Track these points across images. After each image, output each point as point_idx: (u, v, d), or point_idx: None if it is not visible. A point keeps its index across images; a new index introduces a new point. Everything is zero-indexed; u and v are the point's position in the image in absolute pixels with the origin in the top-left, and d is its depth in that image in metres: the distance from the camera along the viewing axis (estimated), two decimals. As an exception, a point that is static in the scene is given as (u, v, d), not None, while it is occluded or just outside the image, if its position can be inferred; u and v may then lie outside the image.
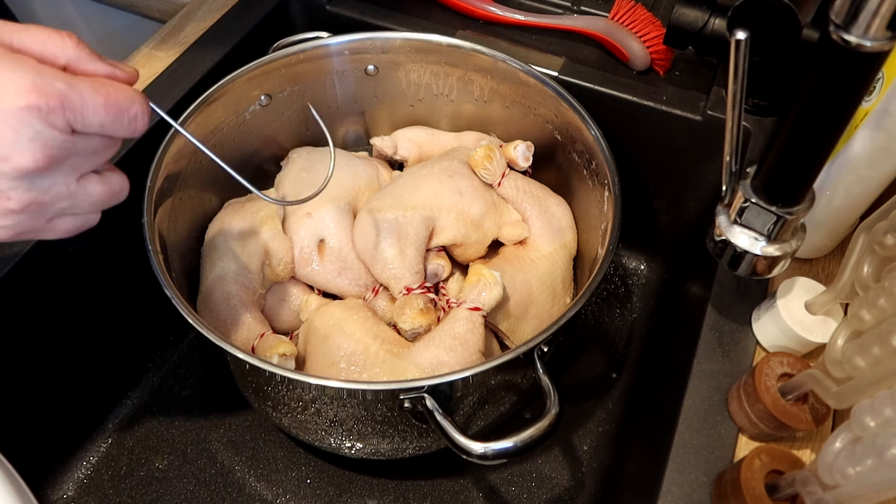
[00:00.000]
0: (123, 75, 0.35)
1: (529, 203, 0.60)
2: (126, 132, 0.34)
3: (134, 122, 0.34)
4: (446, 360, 0.49)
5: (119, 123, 0.33)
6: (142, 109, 0.34)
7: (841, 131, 0.34)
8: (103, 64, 0.35)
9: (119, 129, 0.34)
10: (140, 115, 0.34)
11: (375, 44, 0.62)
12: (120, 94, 0.33)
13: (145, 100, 0.35)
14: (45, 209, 0.33)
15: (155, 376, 0.65)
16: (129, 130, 0.34)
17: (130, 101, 0.34)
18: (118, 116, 0.33)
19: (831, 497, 0.33)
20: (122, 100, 0.33)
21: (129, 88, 0.34)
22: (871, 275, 0.39)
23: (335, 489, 0.59)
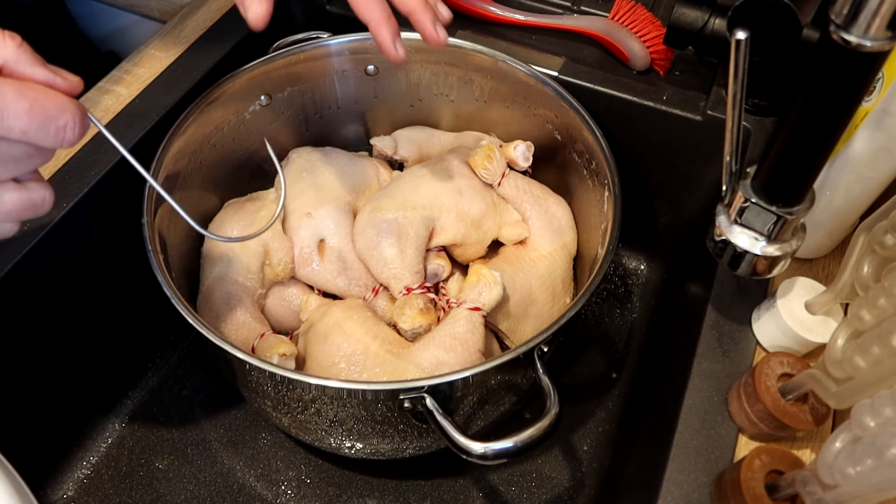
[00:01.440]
0: (63, 83, 0.33)
1: (529, 203, 0.60)
2: (52, 142, 0.32)
3: (61, 133, 0.32)
4: (446, 360, 0.49)
5: (44, 132, 0.31)
6: (73, 120, 0.32)
7: (841, 131, 0.34)
8: (43, 69, 0.33)
9: (44, 137, 0.32)
10: (70, 126, 0.32)
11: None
12: (49, 102, 0.31)
13: (80, 111, 0.33)
14: None
15: (155, 376, 0.65)
16: (56, 141, 0.32)
17: (60, 110, 0.32)
18: (43, 124, 0.31)
19: (831, 497, 0.33)
20: (51, 107, 0.31)
21: (63, 97, 0.32)
22: (871, 275, 0.39)
23: (335, 489, 0.59)
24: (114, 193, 0.53)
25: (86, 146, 0.56)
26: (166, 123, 0.54)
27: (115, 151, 0.56)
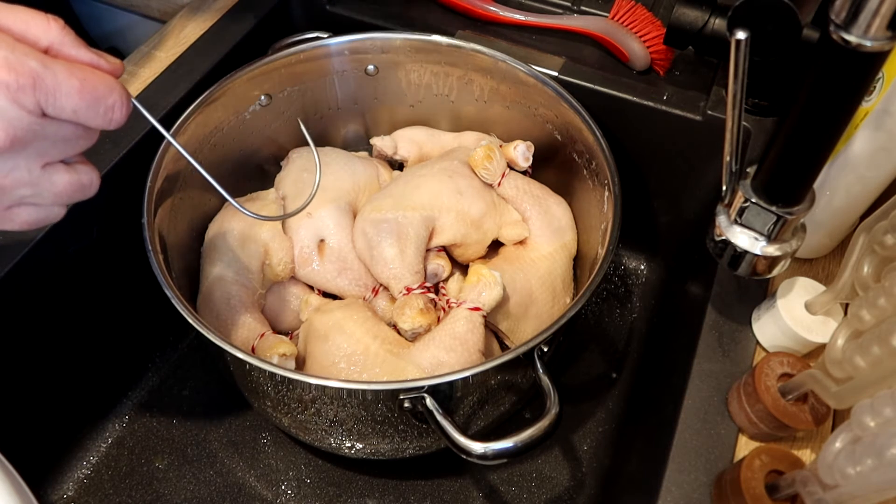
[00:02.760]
0: (107, 65, 0.33)
1: (529, 203, 0.60)
2: (101, 122, 0.32)
3: (110, 113, 0.32)
4: (446, 360, 0.49)
5: (94, 111, 0.31)
6: (120, 100, 0.32)
7: (841, 131, 0.34)
8: (87, 51, 0.33)
9: (94, 117, 0.32)
10: (118, 106, 0.32)
11: (375, 44, 0.62)
12: (98, 82, 0.31)
13: (126, 93, 0.33)
14: (3, 194, 0.31)
15: (155, 376, 0.65)
16: (105, 121, 0.32)
17: (109, 90, 0.32)
18: (93, 104, 0.31)
19: (831, 497, 0.33)
20: (100, 87, 0.31)
21: (110, 78, 0.32)
22: (871, 275, 0.39)
23: (335, 489, 0.59)
24: (114, 193, 0.53)
25: (86, 146, 0.56)
26: (166, 123, 0.54)
27: (116, 151, 0.56)
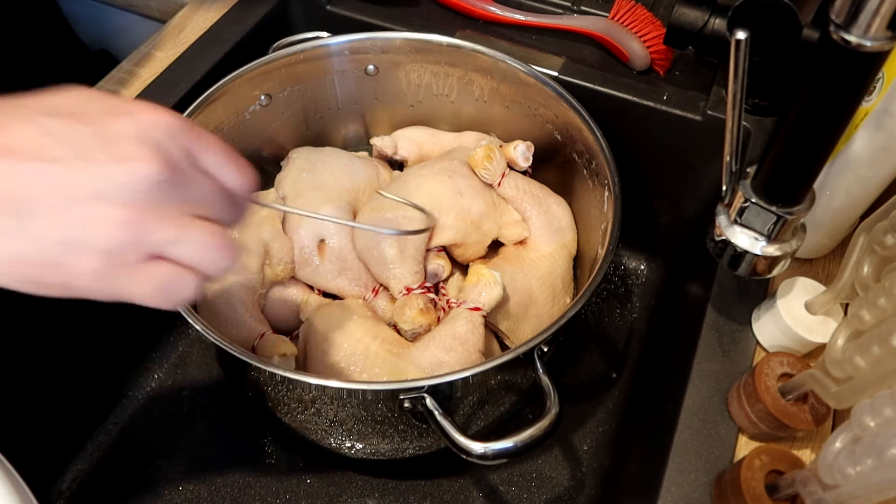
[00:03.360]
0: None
1: (529, 203, 0.60)
2: (235, 184, 0.32)
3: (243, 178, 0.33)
4: (446, 360, 0.49)
5: (232, 175, 0.32)
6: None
7: (841, 131, 0.34)
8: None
9: (229, 175, 0.32)
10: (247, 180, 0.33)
11: (375, 44, 0.62)
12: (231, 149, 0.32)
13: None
14: (146, 235, 0.28)
15: (155, 376, 0.65)
16: (239, 184, 0.32)
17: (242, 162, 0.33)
18: (231, 166, 0.32)
19: (831, 497, 0.33)
20: (233, 153, 0.32)
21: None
22: (871, 275, 0.39)
23: (335, 489, 0.59)
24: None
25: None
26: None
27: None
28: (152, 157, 0.27)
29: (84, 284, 0.28)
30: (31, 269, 0.27)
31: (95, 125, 0.27)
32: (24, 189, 0.26)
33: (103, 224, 0.27)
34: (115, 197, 0.27)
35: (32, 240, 0.27)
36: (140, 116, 0.28)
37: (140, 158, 0.27)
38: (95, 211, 0.27)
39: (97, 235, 0.27)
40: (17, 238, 0.26)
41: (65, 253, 0.27)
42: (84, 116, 0.28)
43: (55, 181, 0.26)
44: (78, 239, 0.27)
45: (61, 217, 0.27)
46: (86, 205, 0.27)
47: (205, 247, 0.29)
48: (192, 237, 0.29)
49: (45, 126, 0.27)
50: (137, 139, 0.28)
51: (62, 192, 0.26)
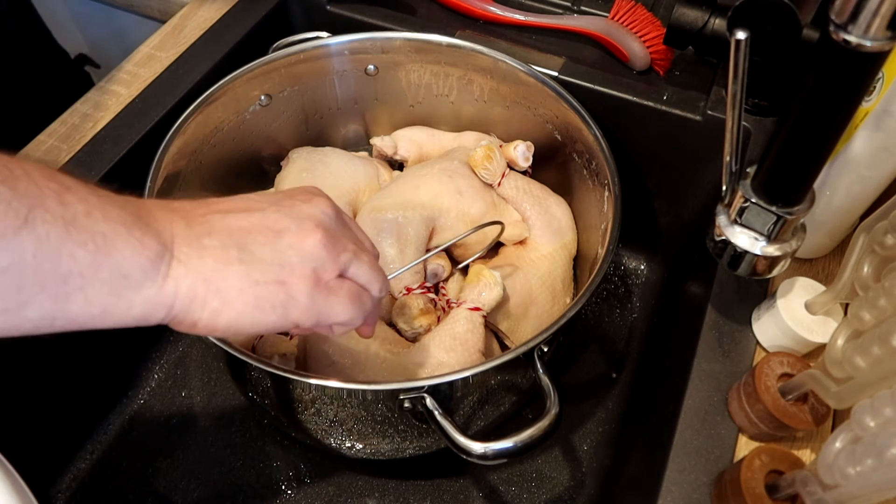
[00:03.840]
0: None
1: (529, 203, 0.60)
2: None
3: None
4: (446, 360, 0.49)
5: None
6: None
7: (841, 131, 0.34)
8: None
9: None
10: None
11: (375, 44, 0.62)
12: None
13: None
14: (337, 253, 0.34)
15: (155, 376, 0.65)
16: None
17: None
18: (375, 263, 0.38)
19: (831, 497, 0.33)
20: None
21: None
22: (871, 275, 0.39)
23: (335, 489, 0.59)
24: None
25: (86, 146, 0.56)
26: (166, 123, 0.54)
27: (116, 150, 0.56)
28: (323, 197, 0.36)
29: (301, 302, 0.33)
30: (258, 288, 0.32)
31: (273, 195, 0.36)
32: (240, 230, 0.32)
33: (308, 244, 0.33)
34: (310, 223, 0.34)
35: (257, 263, 0.32)
36: (295, 189, 0.37)
37: (316, 198, 0.36)
38: (300, 236, 0.33)
39: (307, 253, 0.33)
40: (244, 263, 0.31)
41: (284, 273, 0.32)
42: (263, 195, 0.36)
43: (264, 221, 0.33)
44: (292, 260, 0.33)
45: (276, 243, 0.33)
46: (292, 233, 0.33)
47: (372, 268, 0.36)
48: (363, 259, 0.36)
49: (238, 197, 0.35)
50: (305, 191, 0.36)
51: (272, 227, 0.33)
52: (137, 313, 0.29)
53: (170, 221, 0.31)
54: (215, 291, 0.31)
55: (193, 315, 0.30)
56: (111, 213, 0.28)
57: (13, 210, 0.25)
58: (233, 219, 0.32)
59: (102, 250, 0.27)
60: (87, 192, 0.28)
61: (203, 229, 0.31)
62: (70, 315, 0.27)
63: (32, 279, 0.25)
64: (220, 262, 0.31)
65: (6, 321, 0.26)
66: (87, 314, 0.28)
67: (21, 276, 0.25)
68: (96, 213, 0.28)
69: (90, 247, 0.27)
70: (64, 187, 0.27)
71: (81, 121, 0.59)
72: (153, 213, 0.31)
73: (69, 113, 0.60)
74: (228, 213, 0.33)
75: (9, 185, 0.25)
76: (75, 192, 0.27)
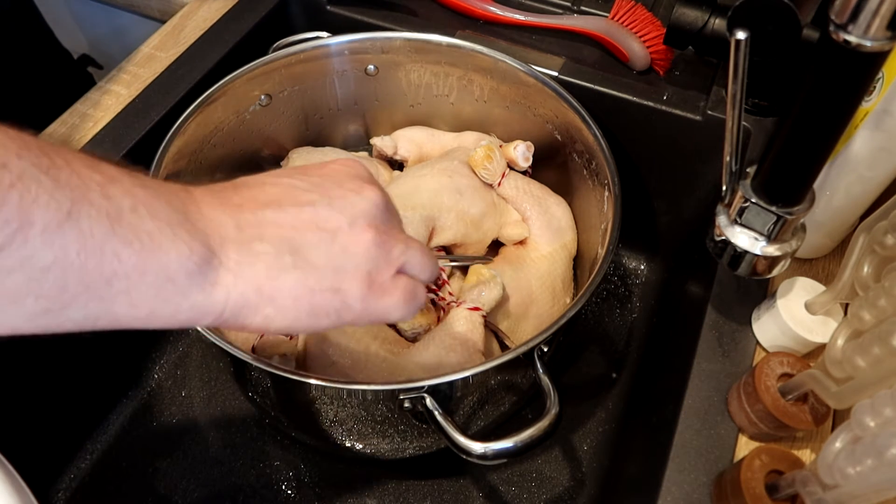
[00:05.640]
0: None
1: (529, 203, 0.60)
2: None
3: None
4: (446, 360, 0.49)
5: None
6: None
7: (841, 131, 0.34)
8: None
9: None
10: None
11: (375, 44, 0.62)
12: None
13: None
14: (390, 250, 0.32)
15: (155, 376, 0.65)
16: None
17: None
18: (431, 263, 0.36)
19: (831, 497, 0.33)
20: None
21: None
22: (871, 275, 0.39)
23: (335, 489, 0.59)
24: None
25: (86, 146, 0.56)
26: (166, 123, 0.54)
27: (116, 150, 0.56)
28: (373, 185, 0.33)
29: (355, 308, 0.31)
30: (313, 297, 0.30)
31: (320, 175, 0.33)
32: (293, 230, 0.30)
33: (361, 246, 0.31)
34: (362, 222, 0.31)
35: (312, 269, 0.30)
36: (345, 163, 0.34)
37: (367, 188, 0.32)
38: (353, 237, 0.31)
39: (360, 256, 0.31)
40: (298, 269, 0.30)
41: (339, 279, 0.31)
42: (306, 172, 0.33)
43: (315, 220, 0.31)
44: (346, 264, 0.31)
45: (330, 246, 0.31)
46: (345, 233, 0.31)
47: (423, 256, 0.34)
48: (414, 248, 0.34)
49: (284, 183, 0.31)
50: (353, 177, 0.33)
51: (324, 226, 0.31)
52: (184, 318, 0.28)
53: (219, 222, 0.29)
54: (269, 300, 0.29)
55: (245, 320, 0.29)
56: (158, 209, 0.26)
57: (55, 202, 0.23)
58: (284, 216, 0.30)
59: (148, 250, 0.26)
60: (132, 183, 0.26)
61: (254, 232, 0.29)
62: (114, 316, 0.26)
63: (77, 279, 0.24)
64: (274, 269, 0.29)
65: (48, 321, 0.25)
66: (131, 316, 0.26)
67: (65, 275, 0.24)
68: (142, 209, 0.26)
69: (136, 246, 0.25)
70: (108, 178, 0.25)
71: (81, 121, 0.59)
72: (202, 209, 0.29)
73: (69, 113, 0.60)
74: (279, 208, 0.30)
75: (51, 176, 0.23)
76: (120, 184, 0.26)
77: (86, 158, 0.25)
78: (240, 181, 0.32)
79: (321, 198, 0.31)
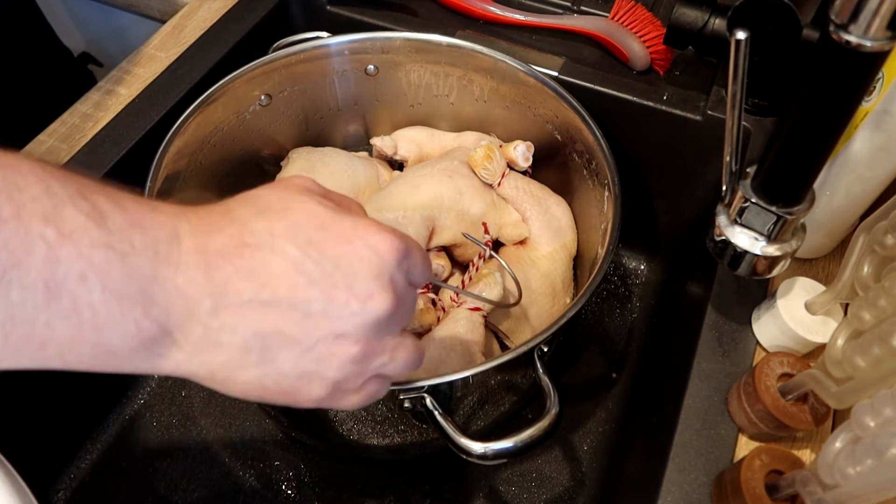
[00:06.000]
0: None
1: (529, 203, 0.60)
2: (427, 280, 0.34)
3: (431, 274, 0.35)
4: (446, 360, 0.49)
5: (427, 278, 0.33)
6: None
7: (841, 131, 0.34)
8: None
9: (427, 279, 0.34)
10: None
11: (375, 44, 0.62)
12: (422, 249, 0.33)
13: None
14: (369, 364, 0.30)
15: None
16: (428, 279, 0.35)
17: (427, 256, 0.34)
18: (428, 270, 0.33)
19: (831, 497, 0.33)
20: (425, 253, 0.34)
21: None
22: (871, 275, 0.39)
23: (335, 489, 0.59)
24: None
25: (86, 146, 0.56)
26: (166, 123, 0.54)
27: (116, 150, 0.56)
28: (386, 294, 0.29)
29: (307, 404, 0.30)
30: (263, 393, 0.29)
31: (339, 262, 0.28)
32: (276, 329, 0.27)
33: (337, 360, 0.29)
34: (351, 335, 0.28)
35: (274, 371, 0.28)
36: (377, 247, 0.29)
37: (377, 297, 0.28)
38: (334, 348, 0.28)
39: (332, 369, 0.29)
40: (260, 368, 0.28)
41: (299, 384, 0.29)
42: (326, 248, 0.28)
43: (305, 324, 0.27)
44: (313, 372, 0.29)
45: (306, 354, 0.28)
46: (328, 344, 0.28)
47: (406, 363, 0.32)
48: (400, 357, 0.31)
49: (295, 261, 0.27)
50: (377, 277, 0.28)
51: (310, 332, 0.28)
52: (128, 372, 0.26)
53: (191, 299, 0.26)
54: (219, 383, 0.28)
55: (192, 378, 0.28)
56: (113, 279, 0.24)
57: None
58: (270, 313, 0.27)
59: (88, 326, 0.24)
60: (98, 240, 0.24)
61: (229, 321, 0.26)
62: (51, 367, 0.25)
63: (2, 343, 0.23)
64: (233, 364, 0.27)
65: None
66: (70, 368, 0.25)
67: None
68: (92, 279, 0.23)
69: (73, 320, 0.23)
70: (64, 235, 0.23)
71: (81, 121, 0.59)
72: (178, 277, 0.26)
73: (69, 113, 0.60)
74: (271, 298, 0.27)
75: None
76: (77, 243, 0.23)
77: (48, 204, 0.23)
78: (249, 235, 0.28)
79: (320, 298, 0.27)
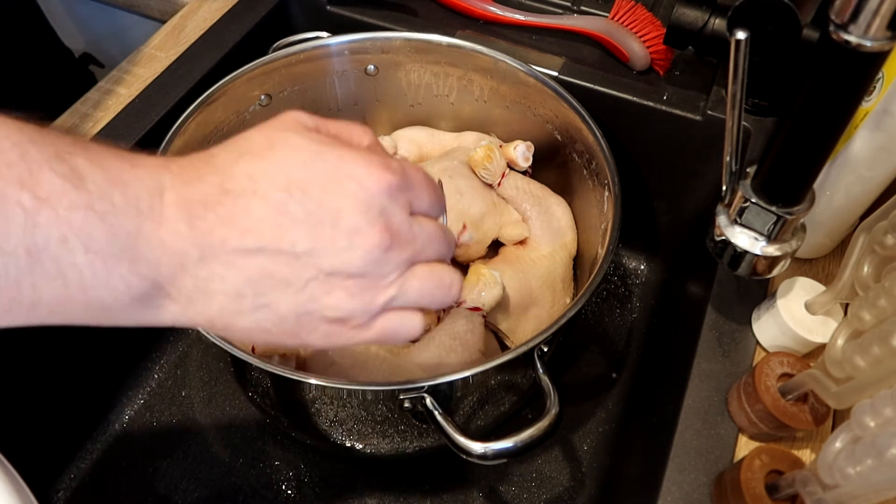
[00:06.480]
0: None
1: (529, 203, 0.60)
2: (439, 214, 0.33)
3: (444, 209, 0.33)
4: (446, 360, 0.49)
5: (440, 206, 0.32)
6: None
7: (841, 131, 0.34)
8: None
9: (439, 212, 0.32)
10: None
11: (375, 44, 0.62)
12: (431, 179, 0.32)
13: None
14: (372, 298, 0.29)
15: (155, 376, 0.65)
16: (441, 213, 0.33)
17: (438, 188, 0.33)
18: (439, 199, 0.32)
19: (831, 497, 0.33)
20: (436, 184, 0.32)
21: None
22: (871, 275, 0.39)
23: (335, 489, 0.59)
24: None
25: (86, 146, 0.56)
26: (166, 123, 0.54)
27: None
28: (376, 228, 0.28)
29: (315, 342, 0.30)
30: (268, 337, 0.29)
31: (322, 199, 0.27)
32: (265, 273, 0.27)
33: (334, 297, 0.28)
34: (342, 271, 0.28)
35: (271, 314, 0.28)
36: (362, 181, 0.28)
37: (364, 231, 0.28)
38: (328, 286, 0.28)
39: (329, 308, 0.28)
40: (257, 313, 0.28)
41: (300, 324, 0.29)
42: (309, 186, 0.27)
43: (294, 266, 0.27)
44: (312, 311, 0.28)
45: (299, 295, 0.28)
46: (320, 282, 0.28)
47: (422, 291, 0.31)
48: (411, 287, 0.30)
49: (277, 203, 0.27)
50: (363, 212, 0.28)
51: (300, 274, 0.27)
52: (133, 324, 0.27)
53: (178, 251, 0.26)
54: (221, 329, 0.28)
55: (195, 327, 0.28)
56: (96, 239, 0.23)
57: None
58: (257, 259, 0.27)
59: (74, 286, 0.23)
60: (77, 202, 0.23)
61: (218, 269, 0.26)
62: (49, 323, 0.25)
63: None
64: (228, 311, 0.27)
65: None
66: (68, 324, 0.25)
67: None
68: (73, 241, 0.23)
69: (59, 281, 0.23)
70: (41, 200, 0.22)
71: (81, 121, 0.59)
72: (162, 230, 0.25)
73: (69, 113, 0.60)
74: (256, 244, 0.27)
75: None
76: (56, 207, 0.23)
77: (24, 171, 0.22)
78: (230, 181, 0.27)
79: (305, 238, 0.27)
